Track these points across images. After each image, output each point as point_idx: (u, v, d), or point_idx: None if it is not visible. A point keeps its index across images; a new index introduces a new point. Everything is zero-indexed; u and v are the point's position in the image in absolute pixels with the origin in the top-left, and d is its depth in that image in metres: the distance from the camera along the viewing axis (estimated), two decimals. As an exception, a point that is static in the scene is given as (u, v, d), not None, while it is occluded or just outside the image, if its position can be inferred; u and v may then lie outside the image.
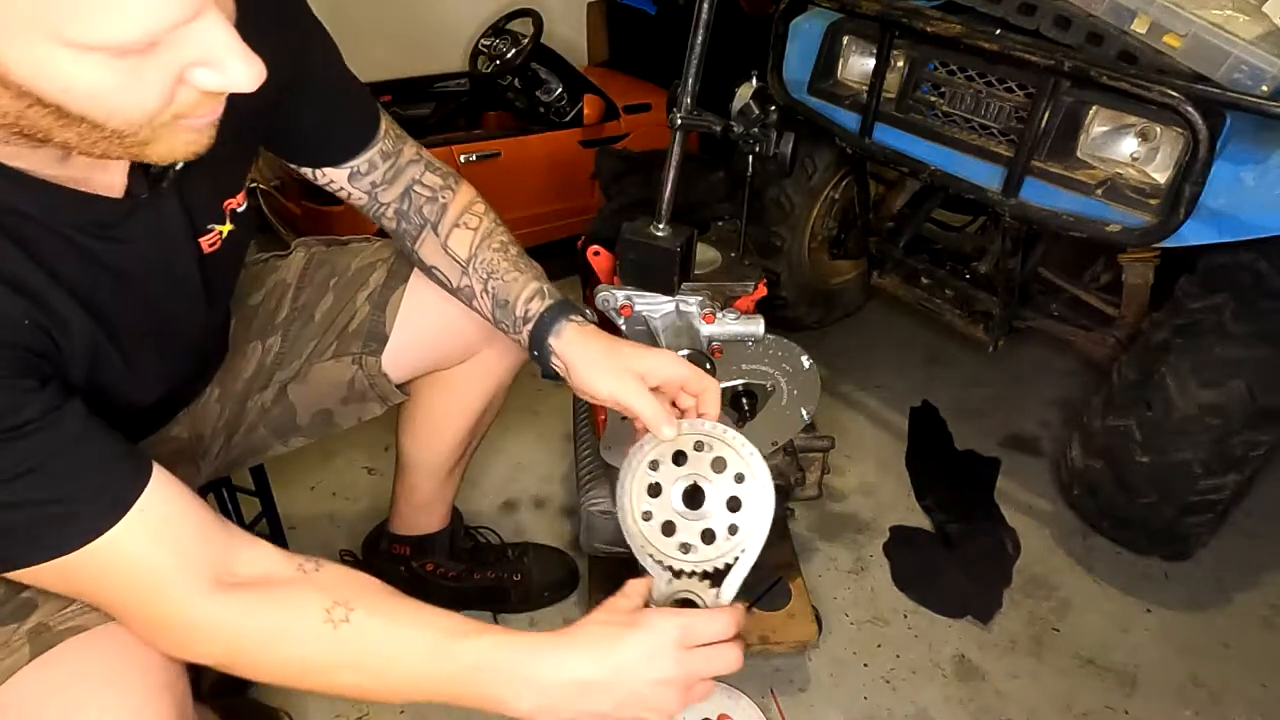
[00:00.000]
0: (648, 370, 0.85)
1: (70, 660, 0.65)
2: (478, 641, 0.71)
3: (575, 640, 0.73)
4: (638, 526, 0.83)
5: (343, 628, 0.69)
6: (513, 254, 0.97)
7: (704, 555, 0.82)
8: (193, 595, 0.67)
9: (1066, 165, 1.38)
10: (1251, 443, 1.36)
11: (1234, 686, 1.38)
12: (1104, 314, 1.69)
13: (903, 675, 1.37)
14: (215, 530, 0.70)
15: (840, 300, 2.23)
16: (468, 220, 0.99)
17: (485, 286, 0.96)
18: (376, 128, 0.95)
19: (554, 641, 0.73)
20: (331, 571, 0.74)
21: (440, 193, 1.00)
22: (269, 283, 1.09)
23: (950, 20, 1.43)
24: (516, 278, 0.95)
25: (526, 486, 1.72)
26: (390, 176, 0.98)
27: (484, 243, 0.98)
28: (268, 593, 0.70)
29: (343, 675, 0.71)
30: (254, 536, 0.74)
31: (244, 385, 1.05)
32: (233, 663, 0.70)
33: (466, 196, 1.01)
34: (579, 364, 0.88)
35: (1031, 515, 1.69)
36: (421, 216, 0.99)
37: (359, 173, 0.95)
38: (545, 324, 0.90)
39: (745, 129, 1.22)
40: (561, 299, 0.93)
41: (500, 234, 0.99)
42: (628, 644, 0.72)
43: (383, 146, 0.96)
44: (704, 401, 0.86)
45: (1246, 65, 1.18)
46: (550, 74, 2.52)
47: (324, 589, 0.71)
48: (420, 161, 1.00)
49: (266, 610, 0.69)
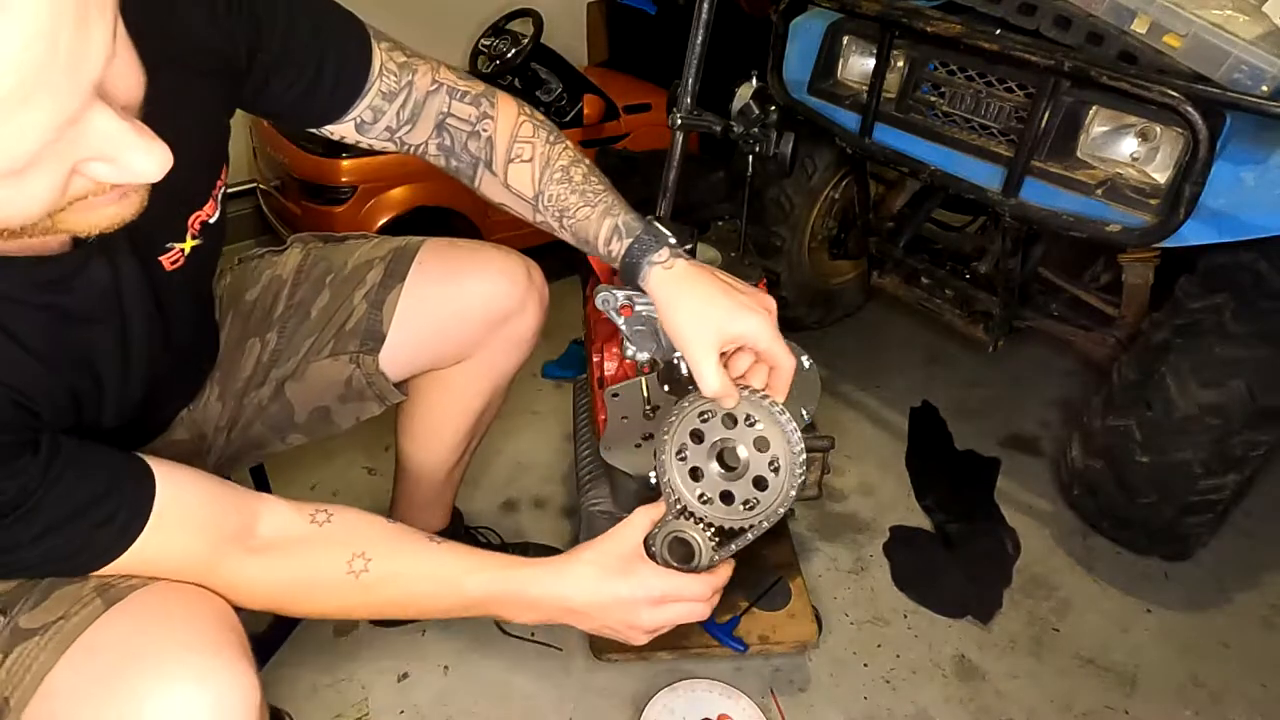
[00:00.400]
0: (732, 334, 0.85)
1: (144, 605, 0.69)
2: (482, 576, 0.84)
3: (568, 574, 0.87)
4: (670, 459, 0.91)
5: (364, 576, 0.79)
6: (577, 180, 0.93)
7: (716, 511, 0.90)
8: (226, 562, 0.75)
9: (1066, 165, 1.38)
10: (1251, 443, 1.36)
11: (1234, 686, 1.38)
12: (1104, 314, 1.69)
13: (903, 675, 1.37)
14: (230, 501, 0.77)
15: (840, 300, 2.23)
16: (520, 151, 0.93)
17: (561, 223, 0.95)
18: (366, 72, 0.86)
19: (551, 573, 0.86)
20: (343, 521, 0.82)
21: (480, 124, 0.93)
22: (265, 279, 1.08)
23: (950, 20, 1.43)
24: (588, 214, 0.92)
25: (526, 486, 1.72)
26: (408, 116, 0.91)
27: (545, 174, 0.93)
28: (291, 553, 0.79)
29: (371, 609, 0.89)
30: (263, 495, 0.81)
31: (243, 383, 1.05)
32: (275, 610, 0.82)
33: (509, 119, 0.94)
34: (664, 307, 0.89)
35: (1031, 515, 1.69)
36: (470, 154, 0.94)
37: (365, 122, 0.89)
38: (630, 268, 0.90)
39: (745, 129, 1.22)
40: (640, 232, 0.90)
41: (559, 156, 0.94)
42: (614, 588, 0.86)
43: (382, 86, 0.88)
44: (776, 378, 0.89)
45: (1246, 65, 1.18)
46: (550, 74, 2.52)
47: (342, 542, 0.80)
48: (441, 88, 0.92)
49: (294, 569, 0.79)
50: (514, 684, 1.32)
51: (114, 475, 0.69)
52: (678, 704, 1.25)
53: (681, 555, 0.91)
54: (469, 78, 0.95)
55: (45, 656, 0.65)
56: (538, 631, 1.37)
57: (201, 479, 0.75)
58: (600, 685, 1.32)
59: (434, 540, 0.86)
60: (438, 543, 0.86)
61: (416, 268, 1.06)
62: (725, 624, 1.32)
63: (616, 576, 0.88)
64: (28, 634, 0.66)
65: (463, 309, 1.08)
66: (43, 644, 0.65)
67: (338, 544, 0.80)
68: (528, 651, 1.36)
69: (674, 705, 1.25)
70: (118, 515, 0.68)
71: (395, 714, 1.28)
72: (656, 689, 1.28)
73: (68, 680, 0.64)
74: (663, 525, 0.93)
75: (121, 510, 0.68)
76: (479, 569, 0.85)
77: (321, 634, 1.37)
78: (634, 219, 0.92)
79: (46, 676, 0.64)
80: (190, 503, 0.73)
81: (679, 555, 0.92)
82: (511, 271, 1.09)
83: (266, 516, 0.79)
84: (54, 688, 0.64)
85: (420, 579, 0.84)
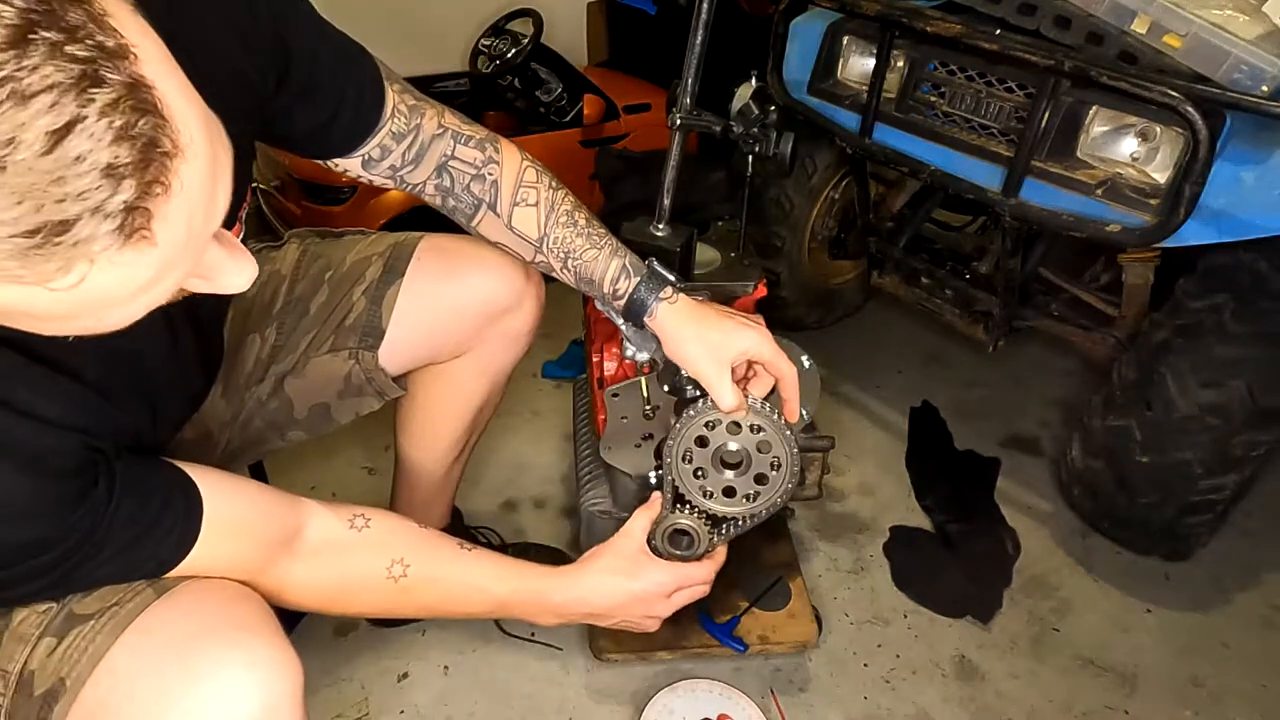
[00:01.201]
0: (737, 351, 0.95)
1: (192, 594, 0.72)
2: (509, 584, 0.96)
3: (585, 581, 1.01)
4: (676, 461, 0.99)
5: (402, 581, 0.88)
6: (581, 224, 0.98)
7: (717, 504, 1.01)
8: (273, 567, 0.80)
9: (1066, 165, 1.38)
10: (1251, 443, 1.36)
11: (1234, 686, 1.38)
12: (1104, 314, 1.69)
13: (903, 675, 1.37)
14: (275, 508, 0.82)
15: (840, 300, 2.23)
16: (526, 196, 0.97)
17: (565, 264, 0.99)
18: (379, 111, 0.89)
19: (570, 581, 1.00)
20: (380, 526, 0.89)
21: (485, 169, 0.96)
22: (264, 274, 1.08)
23: (950, 20, 1.43)
24: (595, 256, 0.98)
25: (526, 486, 1.72)
26: (413, 158, 0.93)
27: (550, 218, 0.97)
28: (335, 558, 0.85)
29: (407, 610, 0.97)
30: (304, 499, 0.86)
31: (244, 380, 1.05)
32: (319, 610, 0.89)
33: (513, 165, 0.98)
34: (672, 339, 0.97)
35: (1031, 515, 1.69)
36: (473, 196, 0.97)
37: (372, 159, 0.92)
38: (638, 304, 0.97)
39: (745, 129, 1.22)
40: (645, 272, 0.98)
41: (562, 202, 0.99)
42: (629, 587, 1.01)
43: (393, 127, 0.91)
44: (783, 387, 0.98)
45: (1246, 65, 1.18)
46: (550, 74, 2.52)
47: (381, 548, 0.88)
48: (447, 133, 0.95)
49: (337, 573, 0.86)
50: (514, 684, 1.32)
51: (166, 493, 0.72)
52: (678, 704, 1.25)
53: (682, 543, 1.02)
54: (472, 123, 0.99)
55: (101, 639, 0.67)
56: (538, 631, 1.37)
57: (248, 487, 0.80)
58: (600, 685, 1.32)
59: (464, 547, 0.94)
60: (468, 549, 0.95)
61: (415, 264, 1.07)
62: (725, 624, 1.32)
63: (628, 577, 1.02)
64: (82, 619, 0.69)
65: (461, 304, 1.08)
66: (98, 628, 0.68)
67: (378, 550, 0.87)
68: (528, 651, 1.36)
69: (674, 705, 1.25)
70: (173, 532, 0.71)
71: (395, 714, 1.28)
72: (656, 689, 1.28)
73: (125, 661, 0.67)
74: (661, 521, 1.03)
75: (176, 527, 0.71)
76: (507, 577, 0.96)
77: (321, 634, 1.37)
78: (638, 260, 0.99)
79: (104, 658, 0.67)
80: (238, 513, 0.77)
81: (680, 544, 1.03)
82: (509, 268, 1.10)
83: (311, 522, 0.84)
84: (112, 667, 0.67)
85: (454, 585, 0.92)
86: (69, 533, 0.64)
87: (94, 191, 0.39)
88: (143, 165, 0.41)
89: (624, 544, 1.03)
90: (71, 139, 0.38)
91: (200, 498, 0.73)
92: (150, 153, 0.41)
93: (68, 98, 0.38)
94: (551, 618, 1.01)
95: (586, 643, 1.34)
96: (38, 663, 0.68)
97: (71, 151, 0.38)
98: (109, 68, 0.39)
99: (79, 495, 0.65)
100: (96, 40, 0.39)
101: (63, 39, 0.38)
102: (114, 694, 0.66)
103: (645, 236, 1.22)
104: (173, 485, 0.73)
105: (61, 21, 0.38)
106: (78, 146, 0.38)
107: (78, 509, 0.64)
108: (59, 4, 0.38)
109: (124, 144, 0.40)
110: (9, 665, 0.69)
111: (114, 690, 0.66)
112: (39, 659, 0.68)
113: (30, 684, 0.68)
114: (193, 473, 0.74)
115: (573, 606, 1.00)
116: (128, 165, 0.40)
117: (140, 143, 0.40)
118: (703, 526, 1.03)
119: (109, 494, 0.67)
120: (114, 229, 0.41)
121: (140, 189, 0.41)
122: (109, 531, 0.66)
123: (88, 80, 0.38)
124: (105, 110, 0.39)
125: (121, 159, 0.40)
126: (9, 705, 0.68)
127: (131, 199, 0.41)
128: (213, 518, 0.73)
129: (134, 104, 0.40)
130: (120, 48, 0.40)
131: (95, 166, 0.39)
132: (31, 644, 0.69)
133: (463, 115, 0.98)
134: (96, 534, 0.66)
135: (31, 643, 0.69)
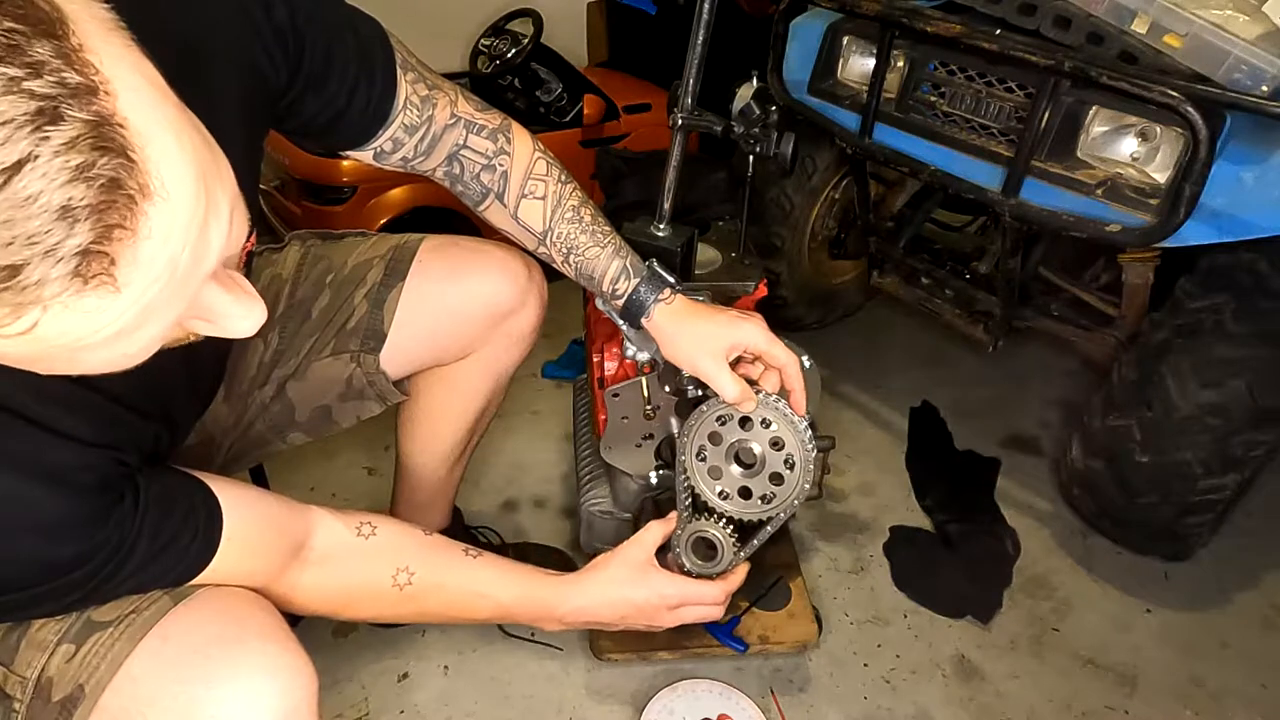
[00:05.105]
0: (731, 342, 0.95)
1: (208, 602, 0.73)
2: (513, 591, 0.97)
3: (589, 589, 1.01)
4: (691, 459, 0.99)
5: (408, 588, 0.89)
6: (586, 220, 0.99)
7: (734, 506, 0.99)
8: (284, 574, 0.82)
9: (1066, 165, 1.38)
10: (1251, 443, 1.36)
11: (1234, 686, 1.38)
12: (1104, 314, 1.69)
13: (903, 675, 1.37)
14: (286, 518, 0.83)
15: (840, 300, 2.23)
16: (533, 189, 0.97)
17: (566, 259, 0.99)
18: (390, 105, 0.87)
19: (574, 590, 1.00)
20: (386, 534, 0.90)
21: (496, 159, 0.95)
22: (265, 277, 1.08)
23: (950, 20, 1.43)
24: (598, 254, 0.98)
25: (526, 486, 1.72)
26: (425, 149, 0.92)
27: (556, 213, 0.97)
28: (342, 565, 0.87)
29: (413, 617, 0.98)
30: (312, 507, 0.87)
31: (247, 383, 1.05)
32: (327, 615, 0.91)
33: (524, 156, 0.97)
34: (668, 340, 0.98)
35: (1031, 515, 1.69)
36: (481, 184, 0.96)
37: (384, 151, 0.91)
38: (636, 305, 0.98)
39: (745, 129, 1.22)
40: (645, 273, 0.99)
41: (569, 197, 0.98)
42: (631, 596, 1.01)
43: (405, 120, 0.89)
44: (786, 377, 0.97)
45: (1246, 65, 1.18)
46: (550, 74, 2.52)
47: (387, 555, 0.89)
48: (459, 123, 0.93)
49: (344, 580, 0.87)
50: (514, 684, 1.32)
51: (187, 506, 0.73)
52: (678, 704, 1.25)
53: (705, 554, 1.00)
54: (487, 108, 0.97)
55: (120, 646, 0.68)
56: (538, 632, 1.37)
57: (259, 498, 0.80)
58: (600, 685, 1.32)
59: (469, 553, 0.94)
60: (473, 555, 0.95)
61: (417, 266, 1.06)
62: (725, 624, 1.32)
63: (632, 586, 1.02)
64: (101, 626, 0.69)
65: (464, 306, 1.08)
66: (117, 635, 0.68)
67: (383, 557, 0.89)
68: (528, 652, 1.36)
69: (674, 705, 1.25)
70: (194, 545, 0.72)
71: (395, 714, 1.28)
72: (656, 689, 1.28)
73: (145, 666, 0.67)
74: (684, 528, 1.01)
75: (198, 540, 0.72)
76: (511, 584, 0.97)
77: (321, 634, 1.37)
78: (639, 261, 0.99)
79: (124, 664, 0.67)
80: (253, 525, 0.78)
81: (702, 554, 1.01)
82: (512, 269, 1.10)
83: (319, 530, 0.86)
84: (131, 674, 0.67)
85: (459, 592, 0.93)
86: (98, 549, 0.65)
87: (44, 236, 0.37)
88: (103, 208, 0.38)
89: (632, 553, 1.04)
90: (21, 178, 0.36)
91: (220, 510, 0.74)
92: (113, 194, 0.39)
93: (20, 134, 0.36)
94: (555, 625, 1.02)
95: (587, 643, 1.34)
96: (56, 669, 0.68)
97: (22, 192, 0.36)
98: (70, 105, 0.37)
99: (107, 511, 0.65)
100: (60, 77, 0.37)
101: (23, 74, 0.36)
102: (135, 700, 0.66)
103: (646, 236, 1.22)
104: (194, 498, 0.74)
105: (25, 56, 0.36)
106: (29, 186, 0.36)
107: (107, 525, 0.65)
108: (26, 39, 0.36)
109: (80, 184, 0.37)
110: (27, 672, 0.69)
111: (135, 697, 0.66)
112: (57, 665, 0.68)
113: (48, 690, 0.68)
114: (210, 484, 0.75)
115: (576, 615, 1.01)
116: (85, 207, 0.38)
117: (99, 183, 0.38)
118: (727, 536, 1.01)
119: (135, 508, 0.67)
120: (67, 274, 0.38)
121: (98, 232, 0.39)
122: (135, 546, 0.67)
123: (44, 117, 0.36)
124: (61, 149, 0.37)
125: (77, 200, 0.37)
126: (26, 711, 0.68)
127: (86, 243, 0.38)
128: (230, 530, 0.74)
129: (94, 142, 0.38)
130: (87, 85, 0.38)
131: (47, 208, 0.37)
132: (49, 651, 0.69)
133: (478, 101, 0.96)
134: (123, 549, 0.66)
135: (49, 649, 0.69)
